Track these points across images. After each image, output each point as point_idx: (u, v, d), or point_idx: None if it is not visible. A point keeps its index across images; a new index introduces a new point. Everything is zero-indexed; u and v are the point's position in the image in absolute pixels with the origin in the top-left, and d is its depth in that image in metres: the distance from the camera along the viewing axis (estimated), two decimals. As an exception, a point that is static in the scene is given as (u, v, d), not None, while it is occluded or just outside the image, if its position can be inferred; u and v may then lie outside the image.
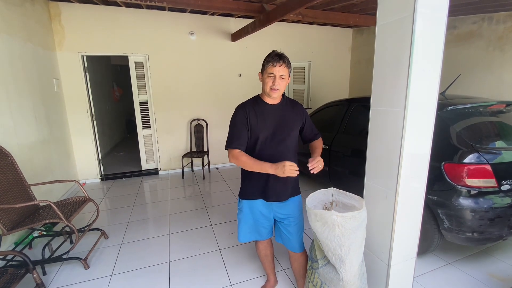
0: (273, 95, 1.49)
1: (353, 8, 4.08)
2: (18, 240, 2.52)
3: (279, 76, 1.44)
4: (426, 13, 1.26)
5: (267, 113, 1.54)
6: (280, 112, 1.56)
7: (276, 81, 1.44)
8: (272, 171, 1.40)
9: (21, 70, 2.95)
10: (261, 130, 1.52)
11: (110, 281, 2.09)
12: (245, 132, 1.52)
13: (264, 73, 1.48)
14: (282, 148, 1.55)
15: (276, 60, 1.42)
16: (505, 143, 2.08)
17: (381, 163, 1.51)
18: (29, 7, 3.23)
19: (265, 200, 1.62)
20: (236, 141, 1.51)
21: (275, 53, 1.46)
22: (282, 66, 1.43)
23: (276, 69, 1.42)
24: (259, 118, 1.52)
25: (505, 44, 3.31)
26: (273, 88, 1.45)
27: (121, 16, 4.06)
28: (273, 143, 1.54)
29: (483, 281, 2.00)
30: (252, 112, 1.53)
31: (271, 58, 1.44)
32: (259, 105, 1.55)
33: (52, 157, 3.45)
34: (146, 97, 4.54)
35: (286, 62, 1.44)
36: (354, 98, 3.21)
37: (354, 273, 1.37)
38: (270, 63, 1.43)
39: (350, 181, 2.87)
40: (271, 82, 1.45)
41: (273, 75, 1.44)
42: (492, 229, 1.89)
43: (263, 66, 1.49)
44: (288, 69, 1.46)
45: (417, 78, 1.31)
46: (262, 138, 1.52)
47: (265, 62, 1.47)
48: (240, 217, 1.72)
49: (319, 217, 1.35)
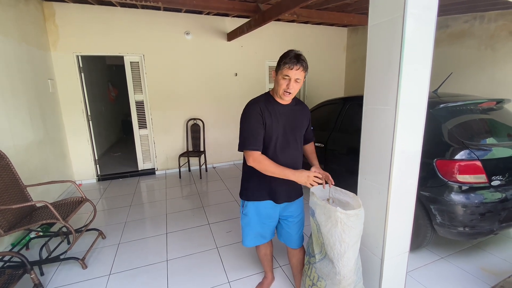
0: (285, 98, 1.43)
1: (347, 8, 4.12)
2: (15, 241, 2.52)
3: (294, 79, 1.35)
4: (417, 13, 1.29)
5: (279, 114, 1.47)
6: (291, 113, 1.52)
7: (291, 84, 1.36)
8: (294, 179, 1.37)
9: (16, 71, 2.93)
10: (274, 131, 1.45)
11: (108, 280, 2.10)
12: (261, 131, 1.42)
13: (278, 73, 1.39)
14: (293, 150, 1.52)
15: (293, 63, 1.32)
16: (496, 140, 2.13)
17: (374, 160, 1.54)
18: (23, 7, 3.21)
19: (274, 201, 1.57)
20: (254, 141, 1.40)
21: (293, 53, 1.34)
22: (299, 70, 1.34)
23: (293, 72, 1.34)
24: (273, 118, 1.45)
25: (497, 42, 3.37)
26: (287, 91, 1.38)
27: (116, 16, 4.05)
28: (284, 144, 1.49)
29: (475, 275, 2.05)
30: (266, 111, 1.44)
31: (288, 60, 1.33)
32: (271, 104, 1.47)
33: (48, 158, 3.44)
34: (142, 97, 4.54)
35: (304, 65, 1.35)
36: (349, 97, 3.25)
37: (350, 267, 1.40)
38: (287, 65, 1.33)
39: (345, 179, 2.89)
40: (285, 85, 1.37)
41: (288, 78, 1.35)
42: (483, 224, 1.93)
43: (279, 65, 1.38)
44: (305, 72, 1.37)
45: (408, 77, 1.34)
46: (276, 137, 1.46)
47: (281, 62, 1.36)
48: (245, 222, 1.65)
49: (326, 210, 1.37)
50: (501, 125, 2.28)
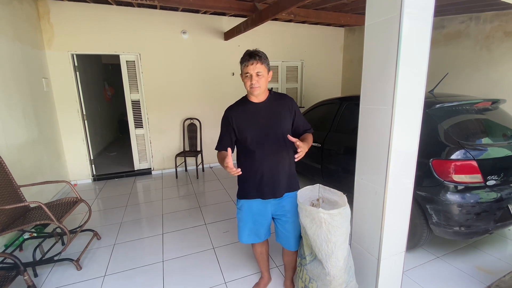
0: (254, 93, 1.50)
1: (344, 8, 4.12)
2: (8, 242, 2.48)
3: (255, 74, 1.44)
4: (413, 13, 1.29)
5: (252, 112, 1.55)
6: (267, 108, 1.56)
7: (254, 79, 1.45)
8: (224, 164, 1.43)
9: (9, 69, 2.89)
10: (247, 130, 1.54)
11: (103, 281, 2.08)
12: (228, 137, 1.59)
13: (242, 75, 1.50)
14: (274, 145, 1.55)
15: (247, 60, 1.43)
16: (491, 140, 2.14)
17: (371, 160, 1.54)
18: (17, 5, 3.17)
19: (261, 198, 1.62)
20: (219, 144, 1.62)
21: (247, 52, 1.46)
22: (255, 63, 1.43)
23: (250, 68, 1.43)
24: (244, 118, 1.55)
25: (492, 43, 3.39)
26: (252, 86, 1.46)
27: (112, 14, 4.01)
28: (265, 140, 1.54)
29: (471, 274, 2.06)
30: (236, 114, 1.56)
31: (243, 59, 1.46)
32: (245, 105, 1.58)
33: (42, 158, 3.40)
34: (138, 96, 4.50)
35: (258, 58, 1.43)
36: (346, 97, 3.26)
37: (339, 267, 1.40)
38: (244, 64, 1.45)
39: (342, 179, 2.91)
40: (249, 82, 1.46)
41: (249, 74, 1.45)
42: (479, 223, 1.94)
43: (240, 69, 1.50)
44: (263, 64, 1.45)
45: (405, 77, 1.34)
46: (251, 137, 1.54)
47: (240, 65, 1.49)
48: (240, 217, 1.72)
49: (308, 213, 1.38)
50: (496, 125, 2.30)
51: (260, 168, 1.56)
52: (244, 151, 1.60)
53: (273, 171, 1.57)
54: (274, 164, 1.57)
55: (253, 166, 1.58)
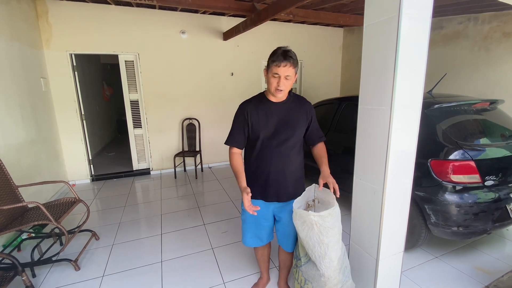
0: (277, 95, 1.45)
1: (343, 8, 4.13)
2: (6, 242, 2.47)
3: (284, 76, 1.37)
4: (411, 14, 1.29)
5: (269, 112, 1.49)
6: (284, 110, 1.51)
7: (281, 81, 1.38)
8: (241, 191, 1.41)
9: (7, 69, 2.88)
10: (261, 129, 1.48)
11: (102, 282, 2.07)
12: (242, 131, 1.52)
13: (269, 72, 1.41)
14: (285, 148, 1.51)
15: (281, 60, 1.33)
16: (489, 140, 2.15)
17: (369, 160, 1.54)
18: (15, 5, 3.15)
19: (264, 200, 1.59)
20: (231, 139, 1.55)
21: (281, 51, 1.36)
22: (288, 66, 1.34)
23: (282, 70, 1.35)
24: (261, 117, 1.48)
25: (490, 44, 3.40)
26: (278, 89, 1.40)
27: (110, 14, 4.00)
28: (275, 142, 1.49)
29: (469, 274, 2.07)
30: (254, 111, 1.49)
31: (276, 57, 1.35)
32: (262, 103, 1.51)
33: (40, 158, 3.39)
34: (137, 96, 4.50)
35: (292, 62, 1.35)
36: (345, 97, 3.26)
37: (333, 268, 1.39)
38: (275, 63, 1.35)
39: (342, 179, 2.90)
40: (275, 83, 1.39)
41: (278, 76, 1.37)
42: (477, 223, 1.95)
43: (268, 64, 1.41)
44: (295, 68, 1.38)
45: (403, 77, 1.34)
46: (263, 137, 1.49)
47: (270, 61, 1.39)
48: (244, 218, 1.69)
49: (299, 216, 1.37)
50: (494, 126, 2.31)
51: (267, 169, 1.53)
52: (253, 149, 1.55)
53: (280, 174, 1.53)
54: (282, 167, 1.53)
55: (260, 166, 1.54)
